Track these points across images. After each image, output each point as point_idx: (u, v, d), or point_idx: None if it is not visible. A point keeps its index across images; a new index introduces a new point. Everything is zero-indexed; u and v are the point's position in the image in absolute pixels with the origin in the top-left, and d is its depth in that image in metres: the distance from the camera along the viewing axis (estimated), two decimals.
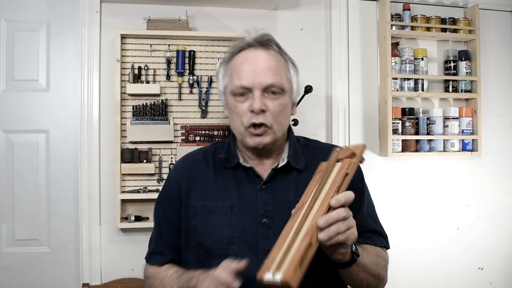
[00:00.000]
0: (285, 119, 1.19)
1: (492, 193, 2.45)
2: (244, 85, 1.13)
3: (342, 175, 1.00)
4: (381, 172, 2.33)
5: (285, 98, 1.17)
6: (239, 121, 1.16)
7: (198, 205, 1.19)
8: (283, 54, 1.21)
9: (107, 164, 2.06)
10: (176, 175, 1.26)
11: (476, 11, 2.35)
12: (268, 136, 1.15)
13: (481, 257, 2.43)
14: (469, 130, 2.32)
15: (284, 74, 1.18)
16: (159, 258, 1.24)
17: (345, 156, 1.06)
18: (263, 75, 1.13)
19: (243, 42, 1.19)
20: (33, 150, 2.08)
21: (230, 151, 1.23)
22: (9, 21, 2.07)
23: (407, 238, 2.33)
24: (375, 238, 1.23)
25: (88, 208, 2.03)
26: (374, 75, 2.33)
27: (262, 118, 1.13)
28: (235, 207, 1.16)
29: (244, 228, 1.14)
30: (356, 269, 1.06)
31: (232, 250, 1.13)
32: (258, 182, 1.18)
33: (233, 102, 1.17)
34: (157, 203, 1.29)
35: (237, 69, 1.15)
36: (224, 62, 1.23)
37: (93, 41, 2.05)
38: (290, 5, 2.27)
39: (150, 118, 2.02)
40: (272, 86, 1.13)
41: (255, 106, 1.11)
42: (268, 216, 1.14)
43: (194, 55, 2.08)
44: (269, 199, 1.16)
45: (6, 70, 2.07)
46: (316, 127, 2.28)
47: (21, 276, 2.05)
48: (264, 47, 1.17)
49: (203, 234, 1.16)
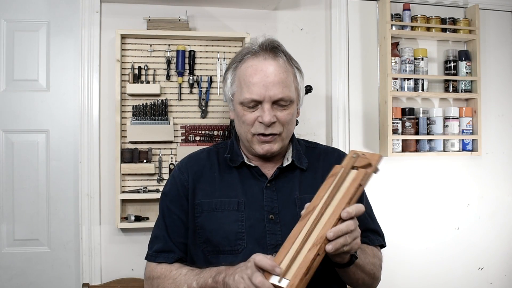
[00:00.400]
0: (292, 126, 1.24)
1: (492, 193, 2.45)
2: (255, 99, 1.15)
3: (356, 186, 1.01)
4: (381, 172, 2.31)
5: (293, 107, 1.21)
6: (246, 129, 1.19)
7: (204, 202, 1.21)
8: (291, 62, 1.23)
9: (107, 164, 2.06)
10: (182, 173, 1.26)
11: (476, 11, 2.35)
12: (277, 143, 1.19)
13: (481, 257, 2.43)
14: (469, 130, 2.32)
15: (293, 84, 1.21)
16: (168, 256, 1.22)
17: (361, 165, 1.06)
18: (273, 89, 1.15)
19: (251, 48, 1.21)
20: (33, 150, 2.08)
21: (234, 151, 1.26)
22: (9, 21, 2.07)
23: (407, 238, 2.33)
24: (372, 237, 1.27)
25: (88, 208, 2.03)
26: (374, 75, 2.33)
27: (271, 130, 1.16)
28: (241, 204, 1.18)
29: (252, 223, 1.16)
30: (354, 269, 1.09)
31: (241, 246, 1.15)
32: (263, 180, 1.21)
33: (241, 111, 1.19)
34: (162, 202, 1.29)
35: (247, 80, 1.17)
36: (232, 68, 1.24)
37: (93, 41, 2.05)
38: (290, 5, 2.27)
39: (150, 118, 2.02)
40: (281, 100, 1.16)
41: (265, 119, 1.14)
42: (274, 213, 1.17)
43: (194, 55, 2.08)
44: (275, 196, 1.19)
45: (6, 70, 2.07)
46: (316, 127, 2.28)
47: (21, 276, 2.05)
48: (272, 57, 1.19)
49: (211, 231, 1.18)
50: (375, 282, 1.23)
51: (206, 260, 1.18)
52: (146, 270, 1.26)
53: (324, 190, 1.03)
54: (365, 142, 2.31)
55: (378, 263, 1.23)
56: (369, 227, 1.27)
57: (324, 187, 1.05)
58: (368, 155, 1.07)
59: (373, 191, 2.31)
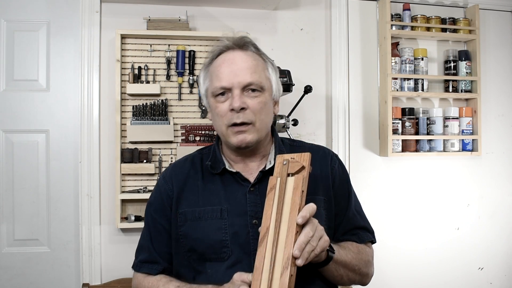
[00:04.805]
0: (267, 117, 1.21)
1: (492, 193, 2.45)
2: (224, 86, 1.16)
3: (299, 194, 1.00)
4: (381, 172, 2.33)
5: (265, 96, 1.19)
6: (220, 122, 1.18)
7: (188, 211, 1.20)
8: (261, 54, 1.23)
9: (107, 164, 2.06)
10: (166, 183, 1.26)
11: (476, 11, 2.35)
12: (251, 134, 1.17)
13: (481, 257, 2.43)
14: (469, 130, 2.32)
15: (263, 72, 1.20)
16: (152, 268, 1.23)
17: (295, 171, 1.04)
18: (241, 74, 1.16)
19: (221, 45, 1.22)
20: (33, 150, 2.08)
21: (215, 157, 1.25)
22: (9, 21, 2.07)
23: (407, 238, 2.33)
24: (362, 234, 1.27)
25: (88, 208, 2.03)
26: (374, 75, 2.33)
27: (243, 117, 1.15)
28: (224, 211, 1.18)
29: (235, 230, 1.16)
30: (334, 266, 1.10)
31: (226, 254, 1.15)
32: (246, 185, 1.20)
33: (214, 103, 1.20)
34: (147, 212, 1.29)
35: (216, 71, 1.19)
36: (204, 67, 1.26)
37: (93, 41, 2.05)
38: (290, 5, 2.27)
39: (150, 118, 2.02)
40: (250, 84, 1.16)
41: (235, 104, 1.14)
42: (258, 217, 1.15)
43: (194, 55, 2.08)
44: (258, 200, 1.17)
45: (6, 70, 2.07)
46: (316, 127, 2.28)
47: (21, 276, 2.05)
48: (241, 49, 1.20)
49: (195, 240, 1.18)
50: (364, 278, 1.23)
51: (192, 268, 1.19)
52: (133, 282, 1.27)
53: (269, 207, 1.03)
54: (365, 142, 2.31)
55: (365, 258, 1.23)
56: (358, 225, 1.27)
57: (268, 203, 1.04)
58: (297, 158, 1.06)
59: (373, 191, 2.32)
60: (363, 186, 2.28)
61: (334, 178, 1.25)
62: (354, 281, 1.21)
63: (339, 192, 1.26)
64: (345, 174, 1.31)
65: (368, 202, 2.11)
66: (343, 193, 1.27)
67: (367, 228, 1.30)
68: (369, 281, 1.27)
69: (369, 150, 2.32)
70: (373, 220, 1.41)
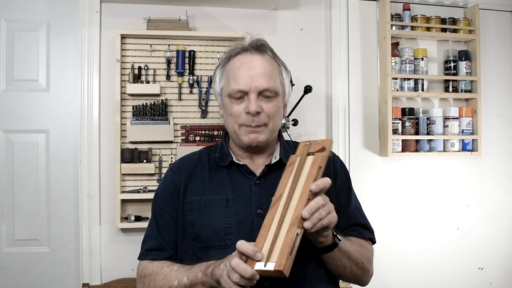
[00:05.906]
0: (279, 119, 1.28)
1: (492, 193, 2.45)
2: (241, 89, 1.21)
3: (316, 167, 1.05)
4: (381, 172, 2.33)
5: (278, 100, 1.25)
6: (233, 121, 1.24)
7: (194, 200, 1.25)
8: (276, 59, 1.29)
9: (107, 164, 2.06)
10: (174, 174, 1.31)
11: (476, 11, 2.35)
12: (263, 134, 1.23)
13: (481, 257, 2.43)
14: (469, 130, 2.32)
15: (278, 78, 1.26)
16: (158, 254, 1.26)
17: (316, 150, 1.10)
18: (259, 79, 1.21)
19: (239, 46, 1.27)
20: (33, 150, 2.08)
21: (223, 151, 1.31)
22: (9, 21, 2.07)
23: (407, 238, 2.33)
24: (362, 231, 1.31)
25: (88, 208, 2.03)
26: (374, 75, 2.33)
27: (257, 120, 1.21)
28: (230, 200, 1.22)
29: (240, 218, 1.20)
30: (339, 254, 1.13)
31: (230, 241, 1.18)
32: (252, 178, 1.26)
33: (229, 103, 1.24)
34: (154, 203, 1.33)
35: (234, 73, 1.23)
36: (220, 65, 1.30)
37: (93, 41, 2.05)
38: (290, 5, 2.27)
39: (150, 118, 2.02)
40: (266, 90, 1.22)
41: (251, 108, 1.19)
42: (262, 208, 1.20)
43: (194, 55, 2.08)
44: (263, 192, 1.23)
45: (6, 70, 2.07)
46: (316, 127, 2.28)
47: (21, 276, 2.05)
48: (259, 52, 1.25)
49: (200, 227, 1.21)
50: (365, 274, 1.25)
51: (195, 256, 1.21)
52: (138, 269, 1.29)
53: (286, 178, 1.08)
54: (365, 142, 2.32)
55: (367, 254, 1.25)
56: (358, 221, 1.31)
57: (286, 175, 1.09)
58: (320, 141, 1.13)
59: (373, 191, 2.32)
60: (363, 186, 2.28)
61: (336, 176, 1.30)
62: (356, 275, 1.22)
63: (340, 189, 1.30)
64: (346, 172, 1.35)
65: (368, 202, 2.11)
66: (343, 190, 1.31)
67: (367, 227, 1.33)
68: (369, 279, 1.28)
69: (369, 150, 2.32)
70: (373, 220, 1.41)
